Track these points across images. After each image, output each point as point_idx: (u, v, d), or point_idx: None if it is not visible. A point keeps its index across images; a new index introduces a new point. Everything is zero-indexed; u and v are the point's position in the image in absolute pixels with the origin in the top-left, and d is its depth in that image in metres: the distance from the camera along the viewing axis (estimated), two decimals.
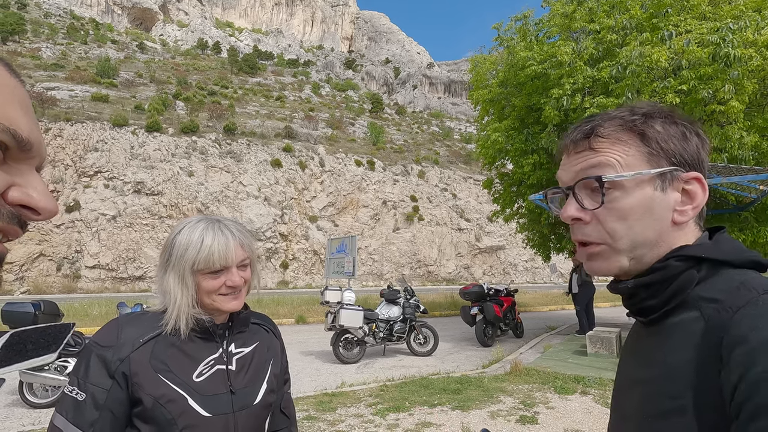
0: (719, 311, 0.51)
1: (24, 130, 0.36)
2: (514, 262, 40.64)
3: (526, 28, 9.89)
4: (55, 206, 0.39)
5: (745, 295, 0.50)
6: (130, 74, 49.03)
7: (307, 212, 33.20)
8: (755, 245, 8.35)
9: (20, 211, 0.37)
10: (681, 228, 0.58)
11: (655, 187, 0.57)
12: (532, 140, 9.24)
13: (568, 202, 0.61)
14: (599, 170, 0.58)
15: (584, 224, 0.60)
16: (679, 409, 0.50)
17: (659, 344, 0.57)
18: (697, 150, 0.60)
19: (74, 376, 0.88)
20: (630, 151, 0.58)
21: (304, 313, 13.32)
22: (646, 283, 0.58)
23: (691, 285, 0.55)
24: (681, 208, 0.58)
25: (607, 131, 0.60)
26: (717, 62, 6.77)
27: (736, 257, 0.55)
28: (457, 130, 69.81)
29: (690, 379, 0.50)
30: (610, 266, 0.60)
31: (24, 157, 0.37)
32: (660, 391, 0.53)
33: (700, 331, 0.51)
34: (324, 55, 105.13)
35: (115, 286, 24.38)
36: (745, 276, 0.54)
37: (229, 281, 0.95)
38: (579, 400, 5.14)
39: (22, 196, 0.37)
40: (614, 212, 0.58)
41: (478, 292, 9.27)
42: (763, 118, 7.46)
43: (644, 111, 0.60)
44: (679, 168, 0.58)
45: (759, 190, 6.71)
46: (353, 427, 4.24)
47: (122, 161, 27.71)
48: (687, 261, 0.56)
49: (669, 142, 0.58)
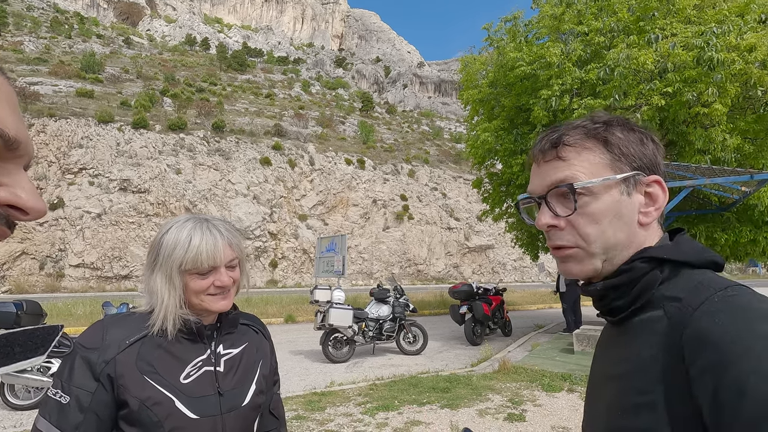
0: (680, 309, 0.54)
1: (11, 128, 0.35)
2: (503, 261, 40.98)
3: (516, 29, 9.96)
4: (43, 206, 0.38)
5: (702, 293, 0.53)
6: (116, 70, 48.19)
7: (296, 211, 33.03)
8: (737, 245, 8.55)
9: (8, 211, 0.37)
10: (646, 229, 0.62)
11: (621, 191, 0.61)
12: (521, 140, 9.31)
13: (541, 210, 0.64)
14: (569, 178, 0.61)
15: (559, 230, 0.63)
16: (649, 403, 0.52)
17: (628, 342, 0.59)
18: (653, 154, 0.63)
19: (58, 379, 0.87)
20: (595, 158, 0.62)
21: (294, 312, 13.25)
22: (614, 285, 0.60)
23: (655, 285, 0.58)
24: (645, 209, 0.61)
25: (573, 139, 0.63)
26: (701, 65, 6.89)
27: (695, 258, 0.59)
28: (447, 130, 70.08)
29: (657, 375, 0.53)
30: (584, 268, 0.62)
31: (11, 156, 0.36)
32: (629, 387, 0.56)
33: (663, 328, 0.54)
34: (314, 53, 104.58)
35: (100, 285, 23.97)
36: (703, 276, 0.57)
37: (218, 281, 0.94)
38: (566, 397, 5.20)
39: (10, 196, 0.36)
40: (586, 217, 0.61)
41: (467, 291, 9.33)
42: (745, 120, 7.63)
43: (604, 119, 0.64)
44: (640, 172, 0.61)
45: (741, 191, 6.87)
46: (342, 427, 4.23)
47: (108, 158, 27.23)
48: (651, 262, 0.59)
49: (629, 147, 0.62)
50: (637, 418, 0.53)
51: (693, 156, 7.70)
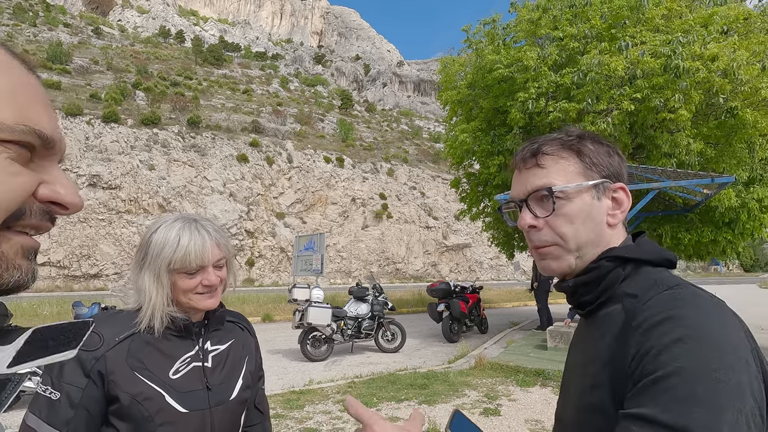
0: (635, 304, 0.61)
1: (47, 128, 0.37)
2: (480, 259, 41.63)
3: (495, 32, 10.13)
4: (81, 201, 0.40)
5: (655, 289, 0.61)
6: (85, 61, 46.38)
7: (274, 209, 32.63)
8: (699, 244, 8.98)
9: (49, 207, 0.38)
10: (614, 229, 0.70)
11: (592, 195, 0.69)
12: (498, 142, 9.50)
13: (523, 212, 0.71)
14: (548, 183, 0.69)
15: (538, 230, 0.70)
16: (600, 383, 0.60)
17: (592, 333, 0.67)
18: (618, 165, 0.72)
19: (48, 376, 0.88)
20: (570, 167, 0.70)
21: (271, 311, 13.12)
22: (584, 281, 0.68)
23: (617, 282, 0.66)
24: (612, 212, 0.69)
25: (551, 150, 0.71)
26: (668, 73, 7.20)
27: (654, 257, 0.66)
28: (426, 130, 70.55)
29: (607, 359, 0.61)
30: (561, 265, 0.70)
31: (48, 154, 0.38)
32: (589, 372, 0.64)
33: (621, 321, 0.62)
34: (293, 49, 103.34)
35: (68, 284, 23.09)
36: (659, 274, 0.64)
37: (206, 280, 0.96)
38: (539, 392, 5.37)
39: (51, 193, 0.38)
40: (563, 218, 0.68)
41: (445, 289, 9.46)
42: (708, 126, 8.02)
43: (577, 133, 0.72)
44: (608, 180, 0.70)
45: (703, 193, 7.22)
46: (321, 424, 4.25)
47: (76, 153, 26.20)
48: (615, 261, 0.66)
49: (599, 157, 0.70)
50: (594, 396, 0.61)
51: (660, 159, 8.04)
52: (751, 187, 8.24)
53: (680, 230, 8.71)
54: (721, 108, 7.68)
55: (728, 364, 0.50)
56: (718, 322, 0.53)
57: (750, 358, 0.52)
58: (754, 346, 0.54)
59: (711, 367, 0.49)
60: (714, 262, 52.77)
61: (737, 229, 8.44)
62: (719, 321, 0.53)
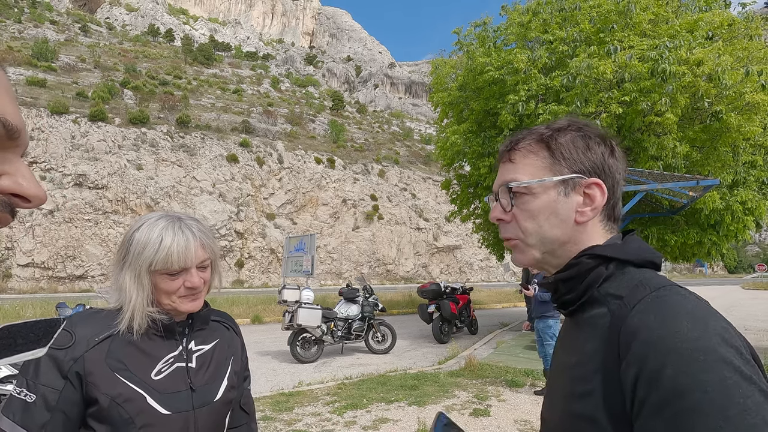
0: (620, 307, 0.58)
1: (12, 117, 0.36)
2: (470, 261, 41.83)
3: (485, 34, 10.20)
4: (44, 193, 0.39)
5: (640, 292, 0.58)
6: (72, 58, 45.63)
7: (264, 210, 32.41)
8: (685, 246, 9.12)
9: (11, 199, 0.37)
10: (585, 228, 0.67)
11: (558, 191, 0.67)
12: (488, 143, 9.55)
13: (494, 206, 0.73)
14: (512, 179, 0.69)
15: (506, 223, 0.71)
16: (590, 392, 0.58)
17: (579, 335, 0.65)
18: (602, 158, 0.68)
19: (23, 377, 0.84)
20: (538, 162, 0.68)
21: (261, 312, 13.02)
22: (563, 278, 0.66)
23: (599, 281, 0.63)
24: (581, 209, 0.66)
25: (523, 144, 0.70)
26: (655, 77, 7.31)
27: (636, 257, 0.63)
28: (417, 131, 70.76)
29: (597, 367, 0.58)
30: (525, 258, 0.70)
31: (11, 145, 0.37)
32: (576, 376, 0.61)
33: (606, 324, 0.59)
34: (284, 50, 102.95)
35: (52, 285, 22.65)
36: (643, 275, 0.61)
37: (188, 282, 0.93)
38: (529, 392, 5.40)
39: (13, 184, 0.37)
40: (526, 213, 0.68)
41: (435, 291, 9.48)
42: (693, 130, 8.15)
43: (557, 126, 0.70)
44: (580, 175, 0.66)
45: (689, 195, 7.34)
46: (311, 426, 4.22)
47: (62, 152, 25.76)
48: (596, 259, 0.64)
49: (572, 152, 0.67)
50: (583, 405, 0.58)
51: (647, 162, 8.15)
52: (735, 190, 8.40)
53: (666, 232, 8.84)
54: (707, 112, 7.82)
55: (743, 377, 0.48)
56: (713, 331, 0.51)
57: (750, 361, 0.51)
58: (745, 343, 0.53)
59: (734, 396, 0.47)
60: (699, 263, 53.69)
61: (722, 231, 8.59)
62: (713, 329, 0.52)
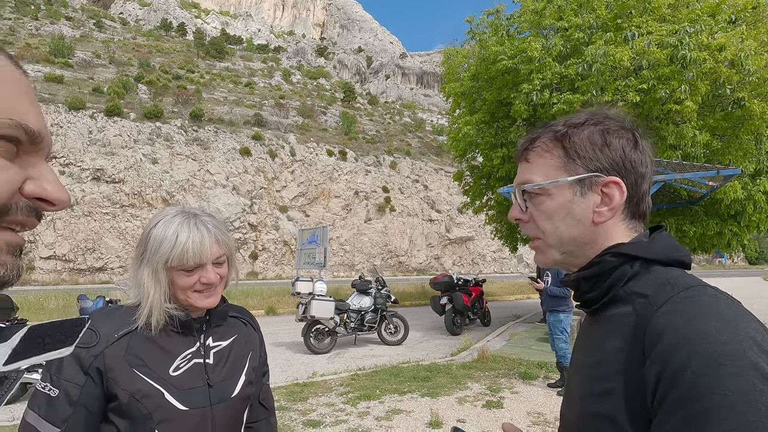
0: (646, 306, 0.57)
1: (33, 123, 0.36)
2: (483, 252, 41.60)
3: (498, 22, 10.01)
4: (68, 197, 0.39)
5: (667, 292, 0.56)
6: (88, 54, 46.28)
7: (277, 202, 32.66)
8: (704, 237, 8.92)
9: (36, 203, 0.38)
10: (605, 228, 0.64)
11: (574, 191, 0.65)
12: (501, 134, 9.43)
13: (513, 205, 0.72)
14: (527, 180, 0.68)
15: (525, 223, 0.70)
16: (610, 391, 0.56)
17: (601, 333, 0.63)
18: (622, 153, 0.64)
19: (47, 372, 0.87)
20: (552, 161, 0.67)
21: (275, 304, 13.20)
22: (586, 276, 0.64)
23: (623, 280, 0.61)
24: (598, 209, 0.64)
25: (538, 143, 0.69)
26: (674, 64, 7.10)
27: (663, 256, 0.61)
28: (429, 122, 70.19)
29: (619, 366, 0.56)
30: (546, 258, 0.70)
31: (34, 149, 0.37)
32: (596, 375, 0.60)
33: (631, 323, 0.57)
34: (295, 42, 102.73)
35: (73, 277, 23.27)
36: (670, 274, 0.59)
37: (204, 278, 0.94)
38: (542, 385, 5.39)
39: (38, 189, 0.37)
40: (542, 214, 0.67)
41: (448, 282, 9.47)
42: (714, 118, 7.92)
43: (574, 122, 0.67)
44: (597, 173, 0.64)
45: (708, 185, 7.15)
46: (324, 416, 4.28)
47: (80, 147, 26.27)
48: (620, 257, 0.62)
49: (587, 150, 0.65)
50: (602, 405, 0.57)
51: (665, 151, 7.96)
52: (757, 179, 8.16)
53: (685, 223, 8.65)
54: (728, 99, 7.58)
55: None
56: (744, 333, 0.49)
57: None
58: None
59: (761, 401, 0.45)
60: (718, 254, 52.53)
61: (743, 221, 8.37)
62: (744, 331, 0.49)
